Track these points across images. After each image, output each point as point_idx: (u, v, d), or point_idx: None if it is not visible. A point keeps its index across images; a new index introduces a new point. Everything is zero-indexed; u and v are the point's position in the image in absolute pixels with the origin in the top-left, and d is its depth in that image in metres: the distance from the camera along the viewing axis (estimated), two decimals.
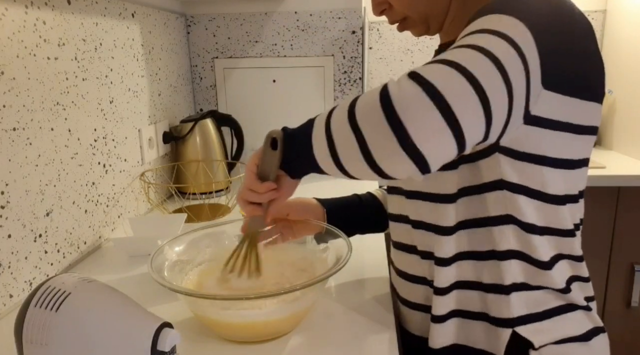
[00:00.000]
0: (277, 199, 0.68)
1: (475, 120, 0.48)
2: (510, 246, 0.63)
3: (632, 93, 1.80)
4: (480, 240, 0.64)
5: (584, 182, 0.66)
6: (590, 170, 1.59)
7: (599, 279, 1.67)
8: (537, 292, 0.64)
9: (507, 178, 0.60)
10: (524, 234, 0.62)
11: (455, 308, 0.68)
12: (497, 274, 0.64)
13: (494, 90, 0.48)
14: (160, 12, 1.41)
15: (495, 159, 0.60)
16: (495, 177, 0.61)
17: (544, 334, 0.64)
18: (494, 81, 0.49)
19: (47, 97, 0.89)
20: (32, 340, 0.55)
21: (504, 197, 0.61)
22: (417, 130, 0.47)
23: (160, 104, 1.40)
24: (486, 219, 0.63)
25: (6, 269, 0.80)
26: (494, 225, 0.63)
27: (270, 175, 0.65)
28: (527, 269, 0.63)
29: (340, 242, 0.76)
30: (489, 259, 0.64)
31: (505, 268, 0.63)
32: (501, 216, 0.62)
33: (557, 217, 0.63)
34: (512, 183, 0.60)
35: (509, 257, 0.63)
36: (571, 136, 0.60)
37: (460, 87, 0.47)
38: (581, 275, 0.67)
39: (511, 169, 0.60)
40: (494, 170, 0.61)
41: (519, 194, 0.61)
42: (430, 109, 0.47)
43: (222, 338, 0.71)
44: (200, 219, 1.23)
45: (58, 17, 0.93)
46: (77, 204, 0.99)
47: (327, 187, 1.52)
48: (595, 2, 2.01)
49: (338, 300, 0.81)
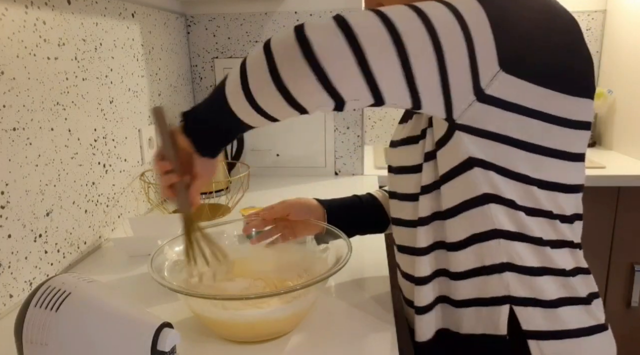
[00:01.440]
0: (195, 179, 0.68)
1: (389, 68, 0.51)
2: (494, 226, 0.61)
3: (632, 93, 1.80)
4: (458, 227, 0.63)
5: (569, 176, 0.63)
6: (590, 170, 1.59)
7: (599, 279, 1.67)
8: (535, 278, 0.62)
9: (474, 155, 0.59)
10: (505, 210, 0.61)
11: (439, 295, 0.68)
12: (483, 258, 0.63)
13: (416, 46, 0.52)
14: (160, 12, 1.41)
15: (458, 139, 0.59)
16: (462, 157, 0.60)
17: (541, 326, 0.62)
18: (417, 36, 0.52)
19: (47, 97, 0.89)
20: (32, 340, 0.55)
21: (477, 176, 0.60)
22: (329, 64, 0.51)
23: (160, 104, 1.40)
24: (465, 204, 0.62)
25: (6, 269, 0.80)
26: (474, 206, 0.61)
27: (166, 153, 0.66)
28: (513, 248, 0.62)
29: (340, 242, 0.76)
30: (471, 244, 0.63)
31: (492, 250, 0.62)
32: (479, 196, 0.61)
33: (537, 198, 0.61)
34: (479, 159, 0.59)
35: (492, 237, 0.62)
36: (542, 124, 0.58)
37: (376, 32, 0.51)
38: (582, 267, 0.66)
39: (476, 146, 0.59)
40: (458, 151, 0.60)
41: (489, 171, 0.60)
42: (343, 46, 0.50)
43: (222, 338, 0.71)
44: (200, 219, 1.23)
45: (58, 17, 0.93)
46: (77, 204, 0.99)
47: (327, 189, 1.53)
48: (595, 2, 2.00)
49: (338, 300, 0.81)
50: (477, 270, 0.64)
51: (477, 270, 0.64)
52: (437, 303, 0.69)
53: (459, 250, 0.64)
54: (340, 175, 1.69)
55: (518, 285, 0.62)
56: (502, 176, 0.60)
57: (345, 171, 1.69)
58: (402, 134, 0.73)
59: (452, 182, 0.62)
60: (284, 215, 0.83)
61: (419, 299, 0.68)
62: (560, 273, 0.63)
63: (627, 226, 1.62)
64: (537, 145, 0.59)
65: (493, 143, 0.59)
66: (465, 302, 0.66)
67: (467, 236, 0.63)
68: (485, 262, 0.63)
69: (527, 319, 0.62)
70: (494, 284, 0.63)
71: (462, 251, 0.64)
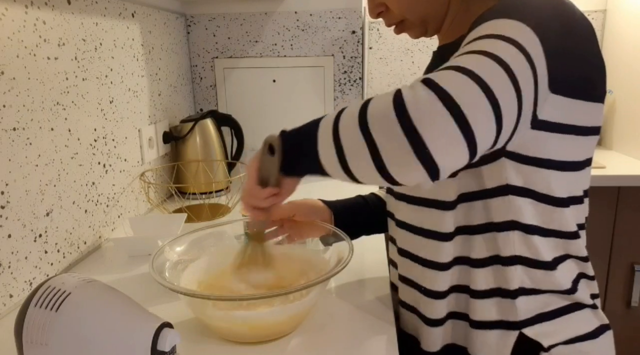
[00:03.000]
0: (278, 197, 0.69)
1: (487, 128, 0.48)
2: (514, 251, 0.62)
3: (632, 93, 1.80)
4: (482, 246, 0.64)
5: (587, 182, 0.66)
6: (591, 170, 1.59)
7: (599, 279, 1.67)
8: (544, 295, 0.64)
9: (513, 182, 0.60)
10: (528, 238, 0.62)
11: (451, 311, 0.69)
12: (502, 279, 0.64)
13: (505, 97, 0.48)
14: (160, 12, 1.41)
15: (501, 164, 0.60)
16: (500, 182, 0.61)
17: (552, 336, 0.64)
18: (505, 88, 0.48)
19: (47, 97, 0.89)
20: (32, 340, 0.55)
21: (508, 202, 0.61)
22: (432, 138, 0.47)
23: (160, 104, 1.40)
24: (489, 225, 0.63)
25: (6, 269, 0.80)
26: (498, 231, 0.63)
27: (270, 180, 0.66)
28: (532, 273, 0.63)
29: (342, 243, 0.76)
30: (491, 264, 0.64)
31: (510, 273, 0.63)
32: (505, 222, 0.62)
33: (561, 219, 0.63)
34: (517, 187, 0.60)
35: (514, 262, 0.63)
36: (576, 138, 0.60)
37: (473, 95, 0.47)
38: (587, 274, 0.67)
39: (517, 173, 0.60)
40: (498, 175, 0.61)
41: (524, 198, 0.61)
42: (445, 117, 0.46)
43: (222, 338, 0.71)
44: (200, 219, 1.23)
45: (58, 17, 0.93)
46: (77, 204, 0.99)
47: (329, 189, 1.52)
48: (595, 2, 2.00)
49: (338, 300, 0.81)
50: (494, 290, 0.65)
51: (494, 290, 0.65)
52: (449, 318, 0.70)
53: (479, 268, 0.65)
54: None
55: (531, 309, 0.64)
56: (536, 201, 0.61)
57: None
58: None
59: (482, 202, 0.63)
60: (290, 215, 0.83)
61: (433, 313, 0.70)
62: (566, 292, 0.65)
63: (627, 226, 1.62)
64: (570, 162, 0.61)
65: (534, 169, 0.59)
66: (481, 323, 0.67)
67: (489, 256, 0.64)
68: (501, 285, 0.64)
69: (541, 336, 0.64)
70: (508, 307, 0.65)
71: (482, 269, 0.65)
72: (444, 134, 0.46)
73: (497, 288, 0.65)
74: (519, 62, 0.50)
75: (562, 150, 0.59)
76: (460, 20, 0.70)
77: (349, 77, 1.63)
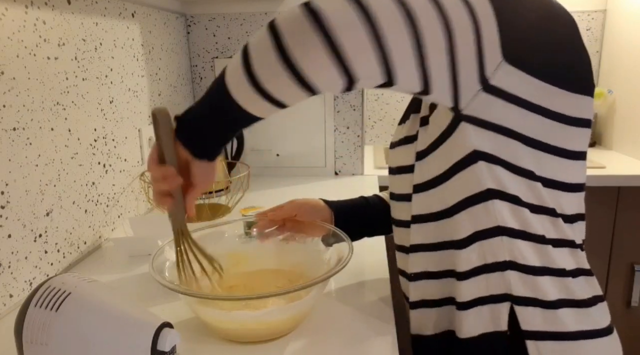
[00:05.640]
0: (192, 187, 0.64)
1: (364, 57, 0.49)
2: (497, 222, 0.61)
3: (632, 93, 1.80)
4: (467, 221, 0.63)
5: (569, 174, 0.63)
6: (590, 170, 1.59)
7: (599, 279, 1.66)
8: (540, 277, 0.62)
9: (480, 148, 0.59)
10: (514, 207, 0.60)
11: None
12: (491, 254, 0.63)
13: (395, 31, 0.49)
14: (160, 12, 1.41)
15: (464, 129, 0.59)
16: (467, 149, 0.59)
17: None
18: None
19: (47, 97, 0.89)
20: (32, 340, 0.55)
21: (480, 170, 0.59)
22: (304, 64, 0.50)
23: (160, 104, 1.40)
24: (468, 199, 0.62)
25: (6, 269, 0.80)
26: (477, 203, 0.61)
27: (167, 157, 0.60)
28: (514, 244, 0.62)
29: (342, 243, 0.76)
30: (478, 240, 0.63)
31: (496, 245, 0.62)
32: (484, 192, 0.60)
33: (538, 193, 0.61)
34: (486, 153, 0.59)
35: (497, 234, 0.61)
36: (543, 120, 0.58)
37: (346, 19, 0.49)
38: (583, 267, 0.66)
39: (480, 138, 0.59)
40: (464, 141, 0.59)
41: (495, 165, 0.59)
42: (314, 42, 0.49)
43: (222, 338, 0.71)
44: (200, 219, 1.23)
45: (58, 17, 0.93)
46: (77, 204, 0.99)
47: (327, 189, 1.52)
48: (595, 2, 2.00)
49: (338, 301, 0.81)
50: (480, 268, 0.63)
51: (480, 268, 0.63)
52: (444, 304, 0.69)
53: (462, 248, 0.64)
54: (340, 175, 1.69)
55: (520, 284, 0.62)
56: (507, 170, 0.59)
57: (345, 171, 1.69)
58: (400, 134, 0.73)
59: (456, 178, 0.62)
60: (291, 215, 0.83)
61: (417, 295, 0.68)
62: (561, 273, 0.63)
63: (627, 226, 1.62)
64: (537, 141, 0.59)
65: (497, 135, 0.58)
66: (468, 303, 0.65)
67: (470, 234, 0.63)
68: (487, 260, 0.62)
69: (527, 319, 0.62)
70: (495, 283, 0.62)
71: (465, 249, 0.64)
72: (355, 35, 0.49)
73: (482, 265, 0.63)
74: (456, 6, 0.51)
75: (526, 125, 0.58)
76: None
77: None
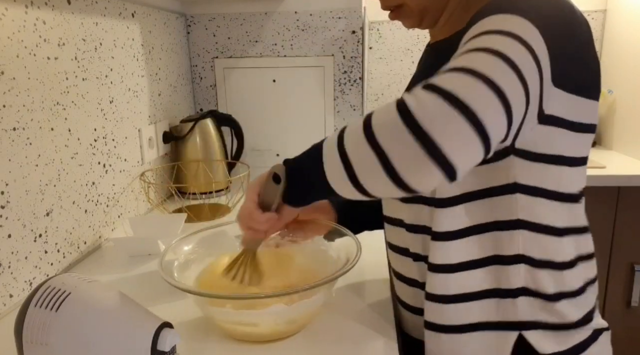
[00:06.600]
0: (277, 226, 0.70)
1: (498, 122, 0.48)
2: (518, 251, 0.62)
3: (632, 93, 1.80)
4: (487, 245, 0.64)
5: (584, 181, 0.66)
6: (590, 170, 1.59)
7: (599, 279, 1.67)
8: (554, 303, 0.64)
9: (522, 181, 0.60)
10: (538, 236, 0.61)
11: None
12: (505, 279, 0.63)
13: (513, 91, 0.48)
14: (160, 12, 1.41)
15: (510, 161, 0.59)
16: (508, 180, 0.60)
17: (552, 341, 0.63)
18: (512, 82, 0.48)
19: (47, 97, 0.89)
20: (32, 340, 0.55)
21: (516, 201, 0.61)
22: (445, 139, 0.46)
23: (160, 103, 1.40)
24: (495, 224, 0.63)
25: (6, 269, 0.80)
26: (504, 229, 0.62)
27: (272, 206, 0.66)
28: (534, 273, 0.63)
29: (348, 242, 0.76)
30: (494, 264, 0.64)
31: (512, 272, 0.63)
32: (511, 221, 0.61)
33: (576, 216, 0.63)
34: (527, 186, 0.60)
35: (517, 261, 0.62)
36: (577, 135, 0.60)
37: (479, 91, 0.47)
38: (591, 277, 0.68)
39: (526, 171, 0.60)
40: (506, 173, 0.60)
41: (534, 197, 0.60)
42: (456, 117, 0.46)
43: (222, 338, 0.71)
44: (200, 219, 1.23)
45: (58, 17, 0.93)
46: (77, 203, 0.99)
47: None
48: (595, 2, 2.00)
49: (338, 301, 0.81)
50: (493, 291, 0.64)
51: (493, 291, 0.64)
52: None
53: (477, 269, 0.64)
54: None
55: (537, 309, 0.64)
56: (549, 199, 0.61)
57: None
58: None
59: (485, 201, 0.62)
60: (293, 216, 0.83)
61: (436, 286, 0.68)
62: (575, 294, 0.65)
63: (627, 226, 1.62)
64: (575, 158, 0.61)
65: (546, 166, 0.59)
66: (472, 326, 0.65)
67: (487, 256, 0.64)
68: (502, 285, 0.64)
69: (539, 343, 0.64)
70: (508, 307, 0.64)
71: (480, 269, 0.64)
72: (457, 132, 0.46)
73: (495, 289, 0.64)
74: (523, 55, 0.50)
75: (569, 146, 0.60)
76: (458, 16, 0.69)
77: (349, 77, 1.62)
